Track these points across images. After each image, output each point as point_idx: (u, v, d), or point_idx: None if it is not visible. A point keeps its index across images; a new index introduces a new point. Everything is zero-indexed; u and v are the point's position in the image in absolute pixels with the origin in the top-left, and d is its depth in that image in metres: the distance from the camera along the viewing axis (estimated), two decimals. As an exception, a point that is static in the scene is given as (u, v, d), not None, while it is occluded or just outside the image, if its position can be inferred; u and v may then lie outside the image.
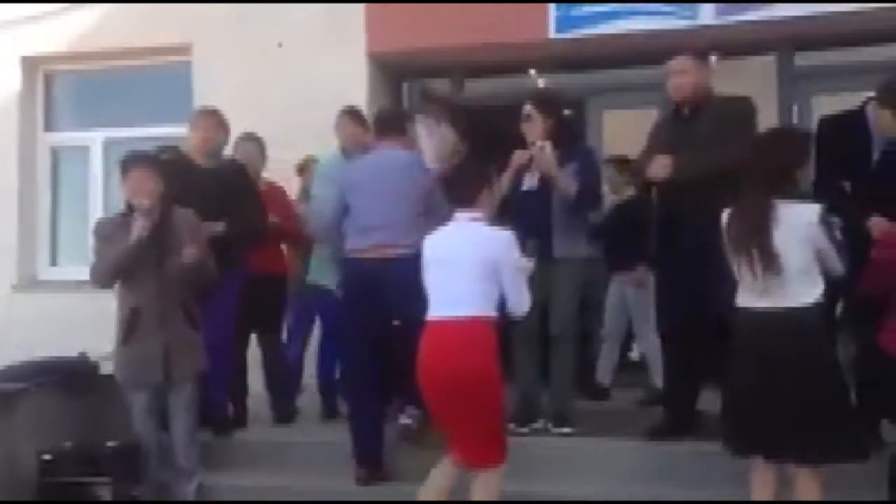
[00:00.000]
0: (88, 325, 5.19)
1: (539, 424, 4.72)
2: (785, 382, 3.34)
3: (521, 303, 3.69)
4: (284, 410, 5.31)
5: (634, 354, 6.09)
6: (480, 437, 3.61)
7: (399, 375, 4.30)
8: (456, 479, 3.72)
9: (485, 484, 3.64)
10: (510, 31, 6.24)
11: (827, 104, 5.37)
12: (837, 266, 3.43)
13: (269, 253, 5.09)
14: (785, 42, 6.22)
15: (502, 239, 3.68)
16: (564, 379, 4.77)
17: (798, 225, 3.37)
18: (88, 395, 4.62)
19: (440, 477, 3.72)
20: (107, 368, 4.69)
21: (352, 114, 5.24)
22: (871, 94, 4.20)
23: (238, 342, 5.15)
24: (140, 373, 4.31)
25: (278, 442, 4.96)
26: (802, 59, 6.26)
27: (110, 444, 4.27)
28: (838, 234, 3.47)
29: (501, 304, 3.69)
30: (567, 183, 4.56)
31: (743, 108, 4.34)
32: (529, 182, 4.68)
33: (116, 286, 4.41)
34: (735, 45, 6.23)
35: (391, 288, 4.24)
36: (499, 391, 3.62)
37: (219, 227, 4.70)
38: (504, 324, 3.82)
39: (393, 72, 6.86)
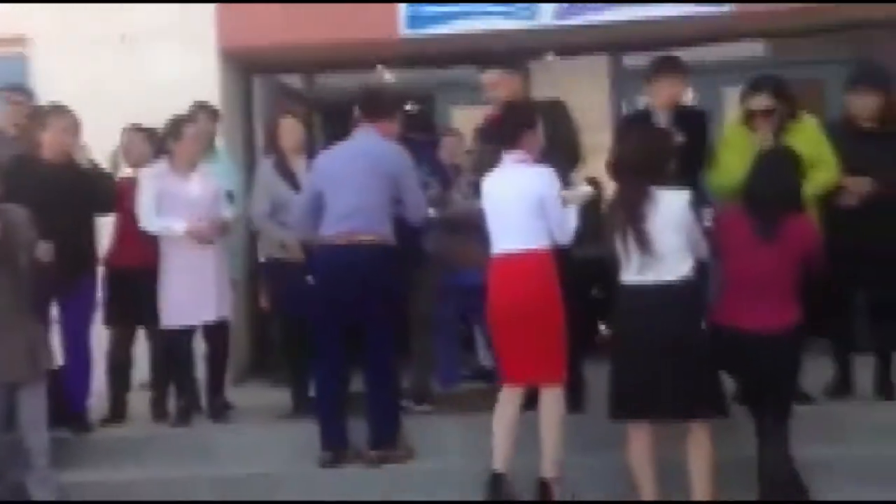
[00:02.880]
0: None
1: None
2: (661, 348, 3.70)
3: (565, 232, 4.08)
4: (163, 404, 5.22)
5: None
6: (547, 354, 4.01)
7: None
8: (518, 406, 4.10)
9: (553, 401, 4.05)
10: (362, 29, 6.39)
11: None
12: (702, 246, 3.84)
13: (132, 248, 5.02)
14: (615, 44, 6.70)
15: (544, 175, 4.06)
16: (424, 359, 5.00)
17: (672, 209, 3.76)
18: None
19: (509, 406, 4.08)
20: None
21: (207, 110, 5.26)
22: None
23: (120, 338, 5.12)
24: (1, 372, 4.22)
25: (139, 438, 4.95)
26: (631, 60, 6.76)
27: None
28: (705, 221, 3.91)
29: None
30: None
31: (556, 110, 4.66)
32: None
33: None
34: (571, 46, 6.68)
35: (362, 275, 4.35)
36: (561, 313, 4.03)
37: (46, 253, 4.47)
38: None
39: (244, 67, 6.88)
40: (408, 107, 5.70)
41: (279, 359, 5.83)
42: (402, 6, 6.38)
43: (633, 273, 3.81)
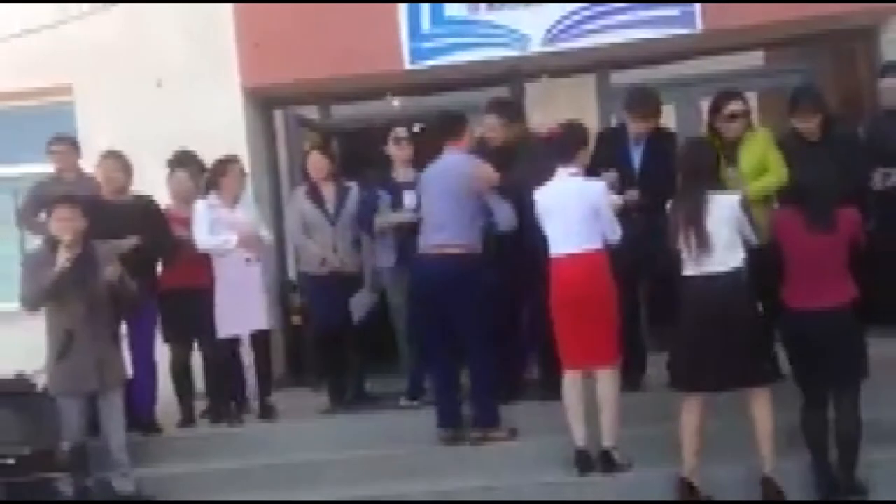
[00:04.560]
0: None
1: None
2: (722, 327, 4.33)
3: (616, 234, 4.80)
4: (220, 409, 5.86)
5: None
6: (605, 339, 4.72)
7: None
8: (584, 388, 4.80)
9: (609, 381, 4.75)
10: (370, 63, 7.09)
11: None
12: (753, 238, 4.51)
13: (183, 270, 5.72)
14: (601, 64, 7.39)
15: (597, 187, 4.82)
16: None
17: (723, 209, 4.42)
18: (29, 408, 5.17)
19: (575, 389, 4.78)
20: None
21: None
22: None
23: (178, 352, 5.82)
24: (76, 384, 4.95)
25: (201, 437, 5.68)
26: (617, 78, 7.44)
27: (64, 446, 4.87)
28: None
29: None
30: None
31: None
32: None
33: (46, 311, 5.02)
34: (560, 68, 7.39)
35: (448, 284, 4.99)
36: (615, 304, 4.75)
37: (130, 241, 5.36)
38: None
39: (265, 102, 7.60)
40: (415, 130, 6.36)
41: (312, 364, 6.58)
42: (405, 41, 7.10)
43: (693, 266, 4.47)
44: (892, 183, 5.27)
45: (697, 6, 6.79)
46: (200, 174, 6.03)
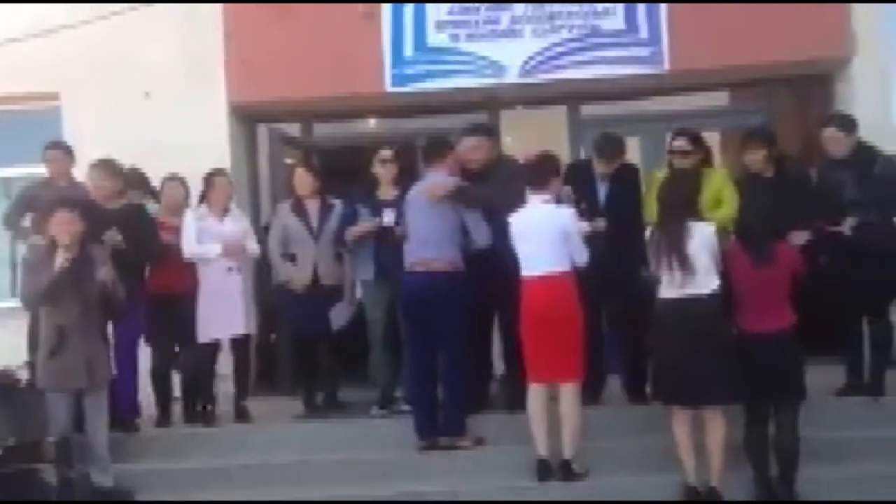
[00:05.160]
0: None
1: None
2: (699, 347, 4.70)
3: (583, 258, 5.13)
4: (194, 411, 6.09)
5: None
6: (570, 356, 5.03)
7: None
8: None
9: (571, 395, 5.08)
10: (353, 85, 7.41)
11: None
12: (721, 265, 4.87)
13: (169, 276, 5.96)
14: (572, 97, 7.77)
15: (566, 213, 5.14)
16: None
17: (703, 237, 4.79)
18: (14, 401, 5.35)
19: (539, 401, 5.12)
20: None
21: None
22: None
23: (161, 354, 6.03)
24: (66, 380, 5.15)
25: (178, 436, 5.89)
26: (587, 111, 7.83)
27: (50, 438, 5.06)
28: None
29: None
30: None
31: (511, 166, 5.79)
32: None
33: (42, 309, 5.25)
34: (534, 98, 7.76)
35: (436, 299, 5.28)
36: (581, 322, 5.08)
37: (114, 236, 5.59)
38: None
39: (249, 118, 7.86)
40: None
41: (286, 372, 6.82)
42: (387, 66, 7.42)
43: (675, 288, 4.82)
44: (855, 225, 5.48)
45: (665, 46, 7.21)
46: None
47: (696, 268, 4.77)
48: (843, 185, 5.43)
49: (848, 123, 5.67)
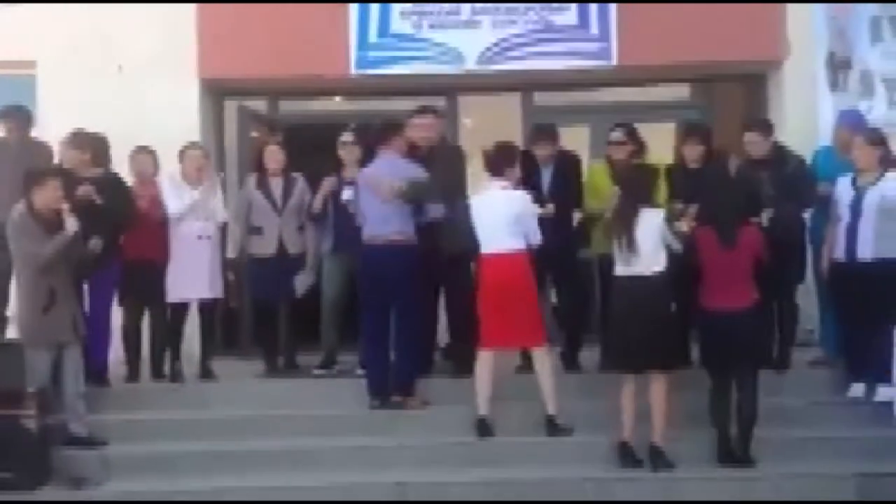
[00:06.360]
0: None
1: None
2: (642, 320, 5.24)
3: (537, 239, 5.64)
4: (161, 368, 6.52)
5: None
6: (531, 322, 5.59)
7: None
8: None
9: (542, 358, 5.62)
10: (320, 66, 7.80)
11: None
12: (675, 245, 5.39)
13: (143, 242, 6.34)
14: (526, 85, 8.25)
15: (522, 198, 5.66)
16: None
17: (651, 222, 5.32)
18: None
19: (486, 365, 5.62)
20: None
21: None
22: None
23: (131, 315, 6.43)
24: (55, 335, 5.59)
25: (147, 391, 6.35)
26: (539, 99, 8.31)
27: (30, 388, 5.49)
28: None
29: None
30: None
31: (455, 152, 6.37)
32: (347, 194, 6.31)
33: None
34: (490, 86, 8.23)
35: (395, 268, 5.79)
36: (534, 294, 5.65)
37: (87, 189, 5.96)
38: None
39: (218, 93, 8.22)
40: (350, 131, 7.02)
41: (249, 335, 7.29)
42: (353, 50, 7.83)
43: (623, 267, 5.36)
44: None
45: (614, 42, 7.72)
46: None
47: (642, 250, 5.31)
48: (761, 182, 5.99)
49: (766, 128, 6.27)
